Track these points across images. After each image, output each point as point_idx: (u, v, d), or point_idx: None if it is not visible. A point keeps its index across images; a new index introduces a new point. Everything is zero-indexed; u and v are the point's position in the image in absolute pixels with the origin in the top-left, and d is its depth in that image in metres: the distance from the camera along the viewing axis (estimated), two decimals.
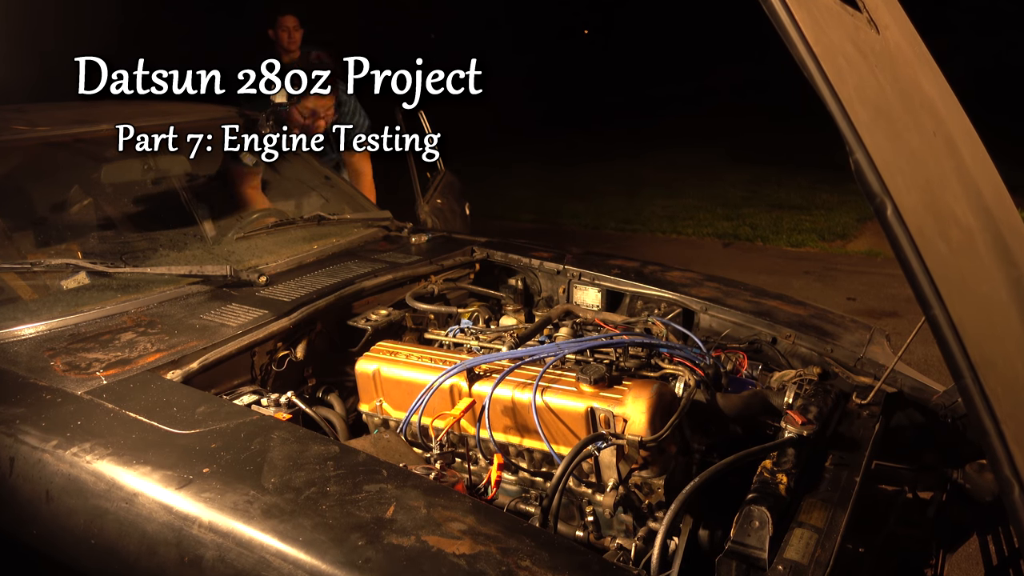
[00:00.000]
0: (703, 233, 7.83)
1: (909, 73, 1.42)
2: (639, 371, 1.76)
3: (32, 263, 2.10)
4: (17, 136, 2.44)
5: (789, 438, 1.56)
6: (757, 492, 1.43)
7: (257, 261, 2.41)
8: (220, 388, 1.82)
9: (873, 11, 1.32)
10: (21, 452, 1.45)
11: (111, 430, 1.48)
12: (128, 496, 1.32)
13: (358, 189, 3.48)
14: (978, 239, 1.25)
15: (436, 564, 1.13)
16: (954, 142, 1.42)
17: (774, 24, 0.93)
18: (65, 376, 1.67)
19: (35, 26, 7.55)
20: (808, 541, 1.32)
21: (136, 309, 2.04)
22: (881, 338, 2.19)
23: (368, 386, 1.88)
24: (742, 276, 2.97)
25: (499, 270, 2.75)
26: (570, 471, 1.48)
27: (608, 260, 2.69)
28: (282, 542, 1.18)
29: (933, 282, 0.90)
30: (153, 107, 2.94)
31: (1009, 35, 14.91)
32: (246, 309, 2.04)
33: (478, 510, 1.26)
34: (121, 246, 2.35)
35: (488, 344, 1.94)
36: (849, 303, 5.50)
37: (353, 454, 1.41)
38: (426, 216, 3.60)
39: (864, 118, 0.94)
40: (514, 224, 8.30)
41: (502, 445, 1.73)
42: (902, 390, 1.95)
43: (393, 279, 2.38)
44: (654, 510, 1.63)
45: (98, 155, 2.64)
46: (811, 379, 1.86)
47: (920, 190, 1.08)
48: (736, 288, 2.50)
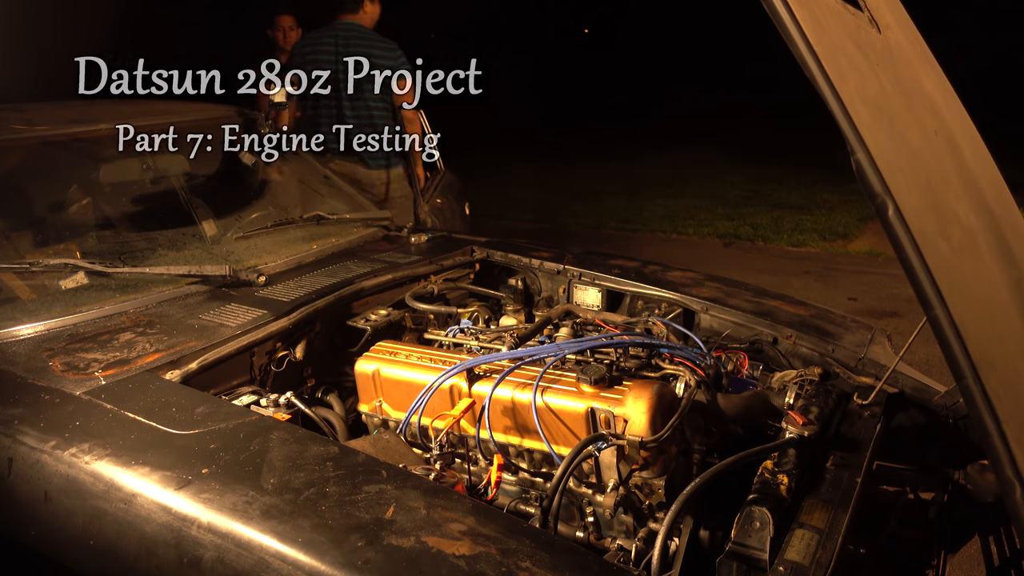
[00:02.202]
0: (704, 233, 7.82)
1: (910, 72, 1.41)
2: (639, 371, 1.76)
3: (30, 263, 2.10)
4: (15, 136, 2.43)
5: (790, 439, 1.56)
6: (758, 493, 1.43)
7: (256, 261, 2.40)
8: (219, 388, 1.82)
9: (874, 10, 1.32)
10: (19, 453, 1.45)
11: (110, 431, 1.47)
12: (127, 497, 1.32)
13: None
14: (980, 239, 1.25)
15: (436, 565, 1.12)
16: (955, 141, 1.42)
17: (775, 24, 0.92)
18: (63, 376, 1.66)
19: (34, 24, 7.55)
20: (809, 542, 1.32)
21: (135, 309, 2.04)
22: (882, 338, 2.19)
23: (367, 386, 1.88)
24: (743, 276, 2.96)
25: (499, 270, 2.75)
26: (570, 472, 1.48)
27: (608, 260, 2.68)
28: (281, 543, 1.18)
29: (934, 282, 0.90)
30: (152, 107, 2.94)
31: (1011, 34, 14.90)
32: (245, 309, 2.03)
33: (478, 511, 1.26)
34: (120, 246, 2.34)
35: (488, 344, 1.94)
36: (850, 303, 5.49)
37: (352, 455, 1.41)
38: (426, 216, 3.59)
39: (865, 117, 0.94)
40: (514, 224, 8.28)
41: (502, 446, 1.72)
42: (903, 390, 1.95)
43: (393, 279, 2.38)
44: (655, 511, 1.62)
45: (97, 155, 2.64)
46: (812, 379, 1.86)
47: (921, 190, 1.07)
48: (737, 288, 2.50)
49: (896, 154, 1.02)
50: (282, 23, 4.87)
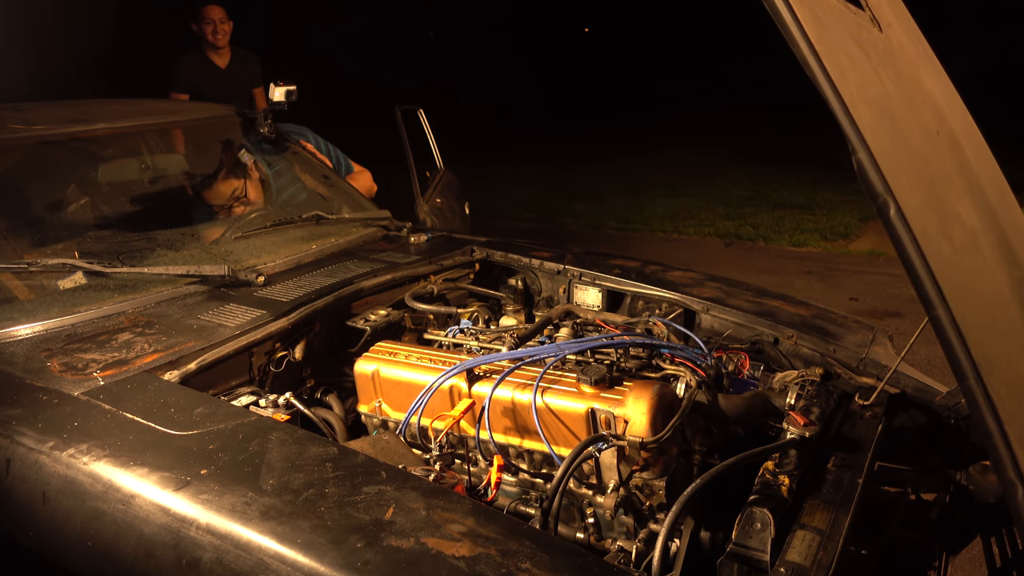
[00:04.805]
0: (704, 233, 7.82)
1: (912, 71, 1.41)
2: (640, 372, 1.76)
3: (29, 263, 2.09)
4: (14, 135, 2.43)
5: (791, 439, 1.56)
6: (759, 494, 1.42)
7: (255, 261, 2.40)
8: (218, 389, 1.81)
9: (876, 9, 1.31)
10: (18, 453, 1.45)
11: (108, 431, 1.47)
12: (125, 498, 1.32)
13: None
14: (981, 239, 1.24)
15: (435, 566, 1.12)
16: (957, 141, 1.41)
17: (776, 23, 0.92)
18: (62, 377, 1.66)
19: (32, 23, 7.54)
20: (810, 543, 1.31)
21: (133, 309, 2.03)
22: (884, 339, 2.18)
23: (367, 387, 1.87)
24: (744, 276, 2.96)
25: (499, 270, 2.74)
26: (571, 472, 1.47)
27: (609, 260, 2.68)
28: (280, 544, 1.18)
29: (936, 282, 0.89)
30: (150, 106, 2.93)
31: (1012, 32, 14.87)
32: (244, 309, 2.03)
33: (478, 512, 1.26)
34: (118, 246, 2.34)
35: (488, 344, 1.93)
36: (851, 303, 5.49)
37: (352, 455, 1.40)
38: (425, 215, 3.59)
39: (867, 117, 0.93)
40: (514, 223, 8.28)
41: (502, 446, 1.72)
42: (905, 391, 1.94)
43: (392, 279, 2.37)
44: (655, 512, 1.62)
45: (95, 154, 2.63)
46: (813, 380, 1.86)
47: (923, 189, 1.07)
48: (738, 288, 2.49)
49: (897, 153, 1.02)
50: (211, 15, 4.28)
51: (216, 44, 4.35)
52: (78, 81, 5.84)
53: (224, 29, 4.32)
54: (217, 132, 2.99)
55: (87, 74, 7.15)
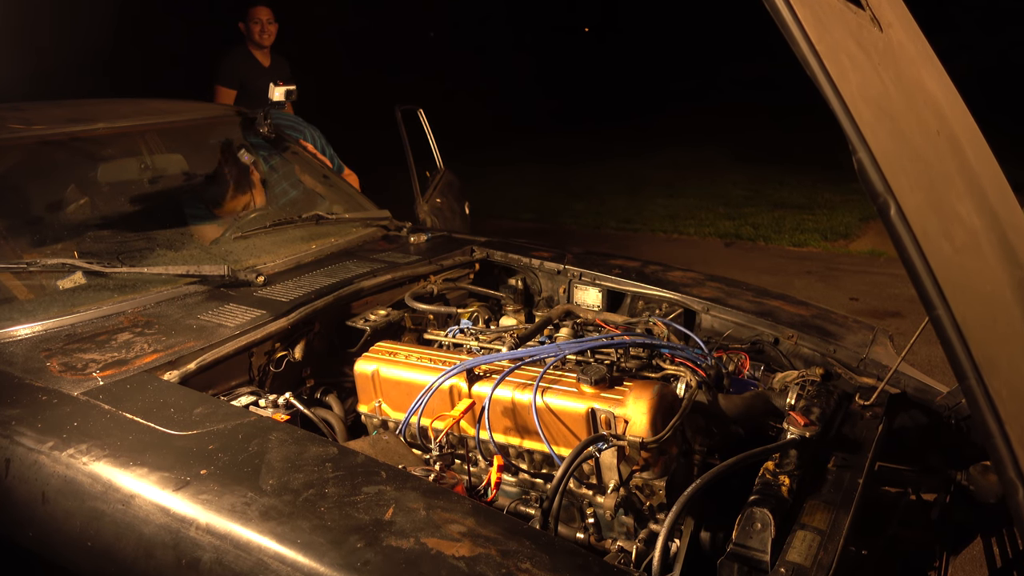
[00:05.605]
0: (704, 233, 7.81)
1: (912, 71, 1.40)
2: (640, 372, 1.75)
3: (28, 263, 2.09)
4: (13, 135, 2.43)
5: (791, 439, 1.55)
6: (759, 494, 1.42)
7: (255, 261, 2.40)
8: (218, 389, 1.81)
9: (876, 9, 1.31)
10: (17, 454, 1.44)
11: (108, 431, 1.47)
12: (125, 498, 1.32)
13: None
14: (982, 239, 1.24)
15: (435, 566, 1.12)
16: (958, 141, 1.41)
17: (776, 23, 0.92)
18: (61, 377, 1.66)
19: (32, 22, 7.54)
20: (810, 543, 1.31)
21: (133, 309, 2.03)
22: (884, 339, 2.18)
23: (367, 387, 1.87)
24: (744, 276, 2.96)
25: (499, 270, 2.74)
26: (571, 472, 1.47)
27: (609, 260, 2.68)
28: (280, 544, 1.18)
29: (937, 282, 0.89)
30: (150, 106, 2.93)
31: (1013, 33, 14.86)
32: (244, 309, 2.03)
33: (478, 512, 1.26)
34: (118, 245, 2.33)
35: (488, 344, 1.93)
36: (852, 303, 5.48)
37: (352, 455, 1.40)
38: (425, 215, 3.59)
39: (867, 117, 0.93)
40: (514, 223, 8.28)
41: (502, 446, 1.72)
42: (905, 391, 1.94)
43: (392, 279, 2.37)
44: (655, 512, 1.62)
45: (95, 154, 2.63)
46: (813, 380, 1.86)
47: (923, 189, 1.07)
48: (738, 288, 2.49)
49: (898, 153, 1.02)
50: (259, 15, 4.47)
51: (262, 43, 4.52)
52: (79, 81, 5.84)
53: (270, 30, 4.50)
54: (217, 132, 2.99)
55: (88, 74, 7.15)
